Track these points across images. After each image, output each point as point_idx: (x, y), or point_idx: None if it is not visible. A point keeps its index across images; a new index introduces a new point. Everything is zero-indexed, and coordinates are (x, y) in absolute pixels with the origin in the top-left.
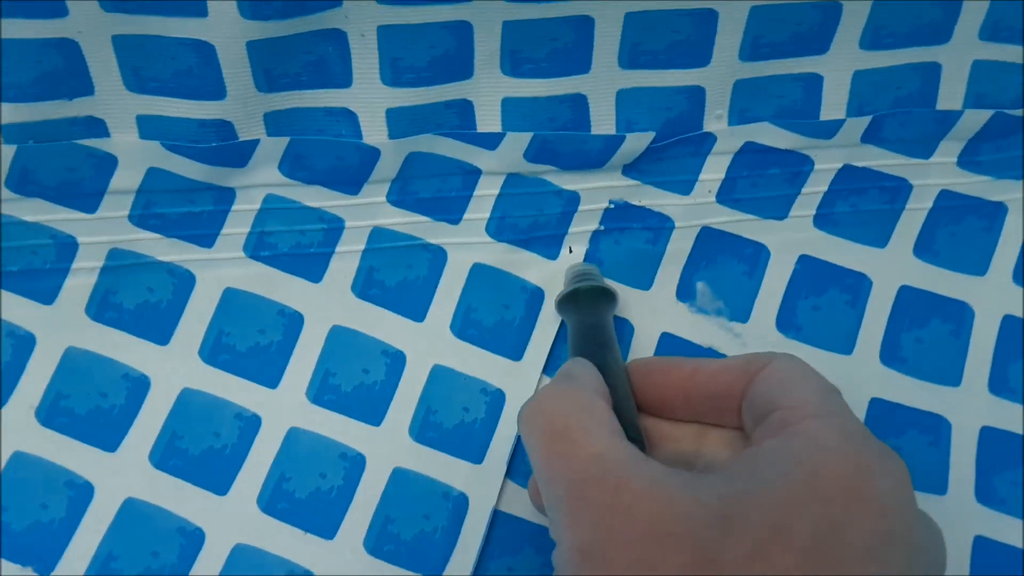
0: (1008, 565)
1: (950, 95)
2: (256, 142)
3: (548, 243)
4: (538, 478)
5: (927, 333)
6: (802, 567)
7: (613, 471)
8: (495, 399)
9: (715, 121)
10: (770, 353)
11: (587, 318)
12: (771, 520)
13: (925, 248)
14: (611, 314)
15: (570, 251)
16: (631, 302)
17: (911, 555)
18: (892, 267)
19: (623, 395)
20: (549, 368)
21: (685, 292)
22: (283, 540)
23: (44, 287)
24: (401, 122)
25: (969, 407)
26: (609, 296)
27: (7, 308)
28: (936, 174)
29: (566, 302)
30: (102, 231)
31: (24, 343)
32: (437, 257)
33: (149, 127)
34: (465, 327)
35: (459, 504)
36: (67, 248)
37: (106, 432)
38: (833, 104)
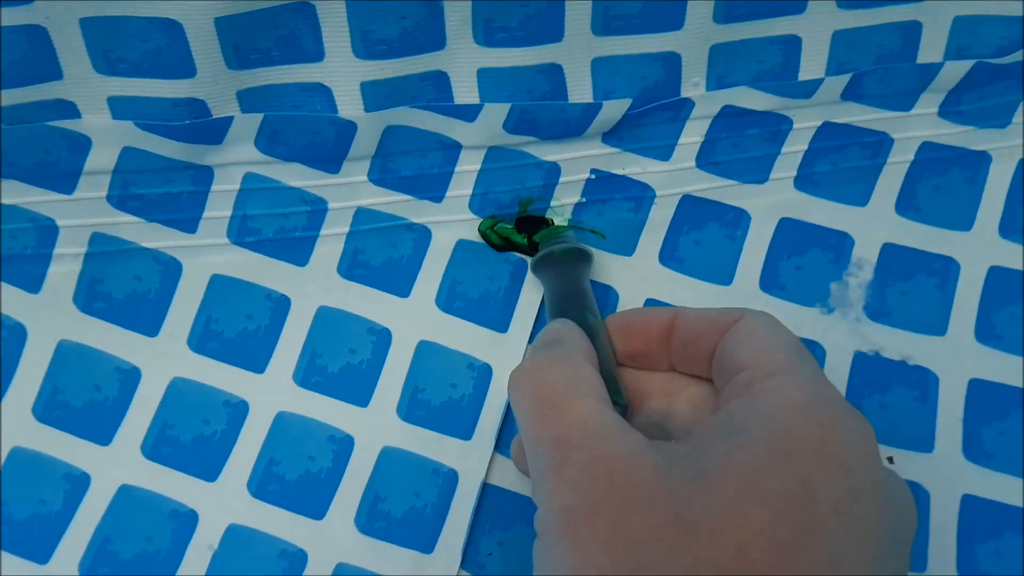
0: (997, 522)
1: (931, 51)
2: (230, 119)
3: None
4: (524, 441)
5: (912, 286)
6: (775, 524)
7: (597, 437)
8: (482, 374)
9: (692, 88)
10: (743, 309)
11: (565, 280)
12: (744, 481)
13: (907, 204)
14: (588, 274)
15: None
16: (614, 268)
17: (879, 511)
18: (874, 226)
19: (605, 356)
20: (534, 338)
21: (668, 256)
22: (274, 521)
23: (28, 273)
24: (376, 95)
25: (960, 359)
26: (585, 256)
27: None
28: (917, 126)
29: (542, 265)
30: (82, 213)
31: (15, 335)
32: (422, 236)
33: (121, 108)
34: (451, 300)
35: (448, 480)
36: (47, 231)
37: (100, 425)
38: (812, 65)
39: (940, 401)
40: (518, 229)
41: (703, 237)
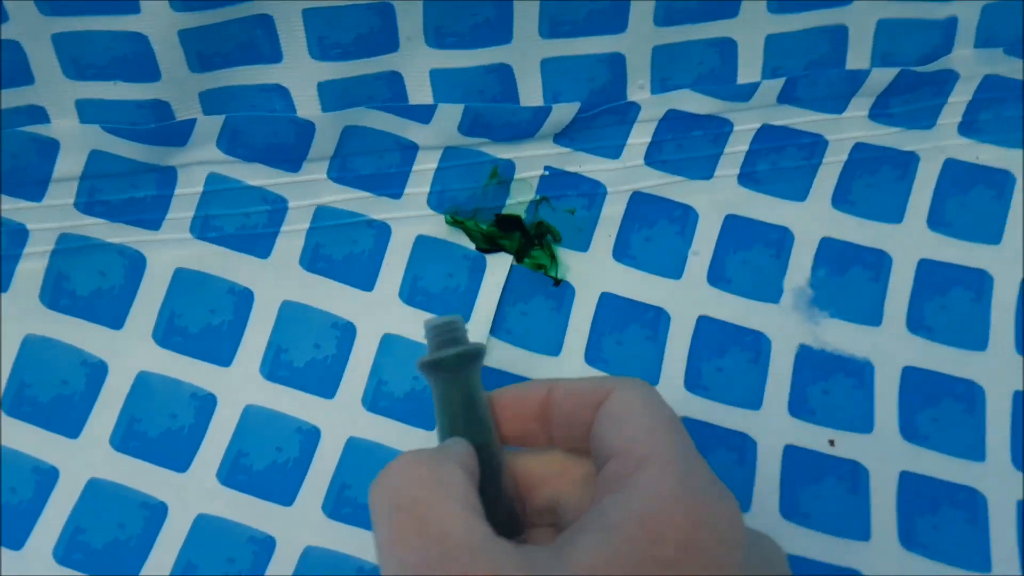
0: (934, 498)
1: (858, 57)
2: (193, 121)
3: (487, 213)
4: (378, 559)
5: (848, 279)
6: None
7: (458, 555)
8: None
9: (638, 91)
10: (616, 380)
11: (452, 387)
12: None
13: (842, 199)
14: (478, 373)
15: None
16: (571, 264)
17: None
18: (813, 220)
19: (494, 466)
20: (495, 330)
21: (621, 253)
22: (243, 509)
23: None
24: (333, 95)
25: (894, 348)
26: (476, 357)
27: None
28: (850, 128)
29: (429, 370)
30: (50, 218)
31: None
32: (381, 232)
33: (88, 111)
34: (413, 295)
35: None
36: (17, 235)
37: (68, 419)
38: (748, 69)
39: (876, 388)
40: (499, 228)
41: (653, 234)
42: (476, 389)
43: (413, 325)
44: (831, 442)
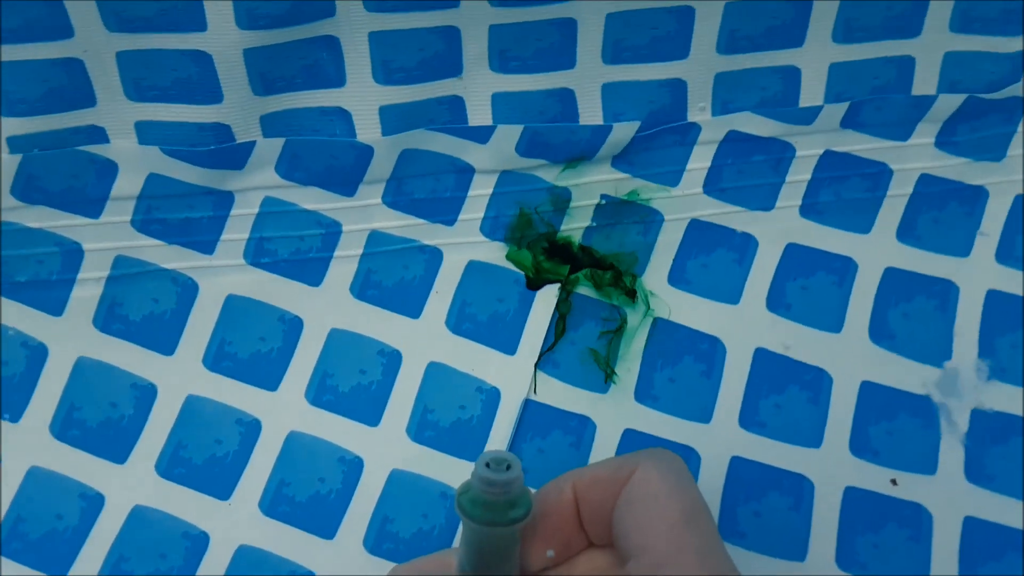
0: (999, 545)
1: (924, 84)
2: (252, 144)
3: (539, 240)
4: None
5: (913, 308)
6: None
7: None
8: (490, 396)
9: (699, 113)
10: (639, 457)
11: (489, 538)
12: None
13: (908, 233)
14: (519, 531)
15: None
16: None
17: None
18: (877, 251)
19: None
20: (541, 363)
21: (677, 278)
22: (285, 541)
23: (52, 298)
24: (394, 119)
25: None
26: (521, 519)
27: (17, 319)
28: (915, 157)
29: (473, 521)
30: (106, 237)
31: (37, 354)
32: (433, 258)
33: (148, 133)
34: (460, 322)
35: None
36: (73, 255)
37: (116, 443)
38: (811, 93)
39: (941, 427)
40: (548, 256)
41: (711, 260)
42: (513, 543)
43: (459, 354)
44: (893, 481)
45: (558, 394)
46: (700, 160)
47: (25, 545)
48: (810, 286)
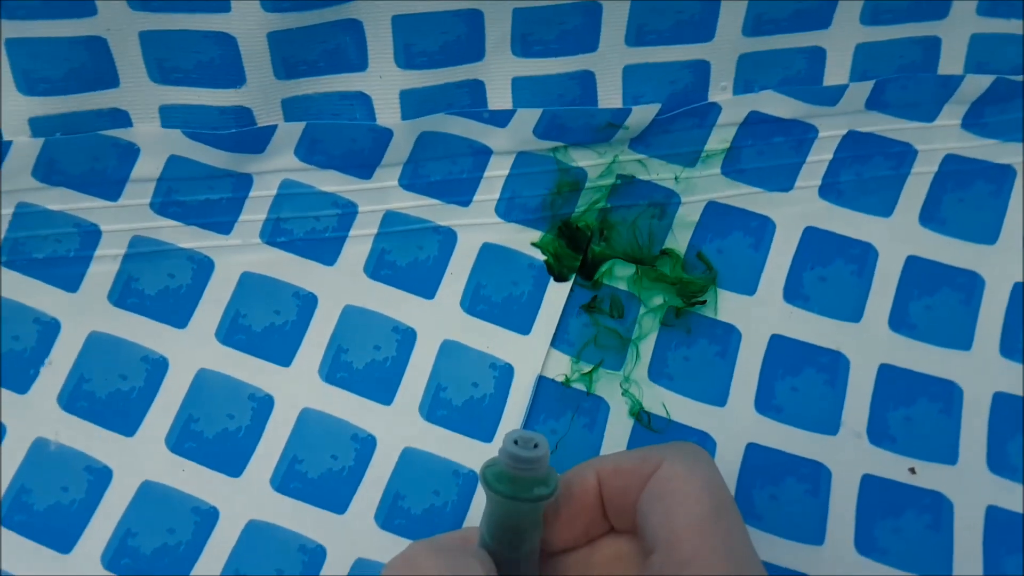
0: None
1: (951, 64)
2: (274, 128)
3: (556, 221)
4: None
5: (937, 300)
6: None
7: None
8: (504, 373)
9: (720, 92)
10: (665, 450)
11: (512, 514)
12: None
13: (931, 216)
14: (541, 511)
15: None
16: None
17: None
18: (899, 237)
19: None
20: (556, 341)
21: (691, 263)
22: (296, 517)
23: (68, 274)
24: (414, 104)
25: (984, 374)
26: (547, 498)
27: (33, 295)
28: (941, 137)
29: (497, 496)
30: (124, 219)
31: (49, 329)
32: (447, 238)
33: (171, 116)
34: (475, 303)
35: (469, 481)
36: (90, 236)
37: (125, 416)
38: (836, 73)
39: (963, 416)
40: (564, 241)
41: (726, 245)
42: (535, 522)
43: (473, 334)
44: (912, 470)
45: (572, 373)
46: (719, 141)
47: (29, 517)
48: (828, 276)
